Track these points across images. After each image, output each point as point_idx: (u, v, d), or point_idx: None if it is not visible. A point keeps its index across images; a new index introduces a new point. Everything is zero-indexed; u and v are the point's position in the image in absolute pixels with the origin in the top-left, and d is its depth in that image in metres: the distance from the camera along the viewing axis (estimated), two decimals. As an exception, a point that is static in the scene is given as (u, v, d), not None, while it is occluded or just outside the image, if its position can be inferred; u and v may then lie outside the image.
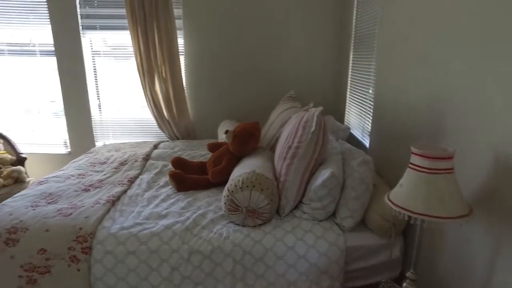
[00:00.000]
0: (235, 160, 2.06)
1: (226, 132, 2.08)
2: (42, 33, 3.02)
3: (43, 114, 3.27)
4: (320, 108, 1.67)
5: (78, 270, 1.46)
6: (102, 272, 1.47)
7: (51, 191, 1.88)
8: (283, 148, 1.75)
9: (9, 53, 3.12)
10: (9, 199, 1.81)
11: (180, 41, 2.89)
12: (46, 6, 2.88)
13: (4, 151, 2.84)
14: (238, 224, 1.62)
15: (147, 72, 2.84)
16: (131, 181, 2.08)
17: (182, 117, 3.01)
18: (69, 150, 3.23)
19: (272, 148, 2.23)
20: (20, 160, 2.82)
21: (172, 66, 2.84)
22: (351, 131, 2.56)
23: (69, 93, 3.07)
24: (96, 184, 2.00)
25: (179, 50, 2.87)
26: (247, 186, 1.58)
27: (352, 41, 2.57)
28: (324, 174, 1.56)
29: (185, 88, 3.00)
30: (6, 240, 1.52)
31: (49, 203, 1.76)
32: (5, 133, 3.05)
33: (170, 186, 2.04)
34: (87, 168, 2.26)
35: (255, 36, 2.92)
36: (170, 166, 2.30)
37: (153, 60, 2.82)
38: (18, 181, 2.66)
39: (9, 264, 1.49)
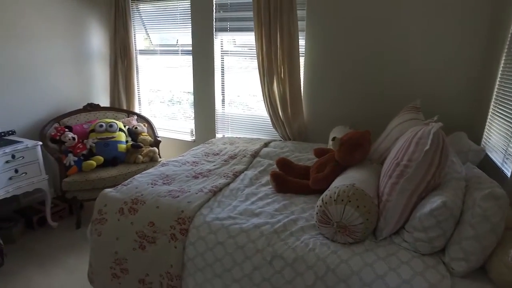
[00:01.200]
0: (339, 169, 1.94)
1: (333, 139, 1.98)
2: (185, 35, 3.48)
3: (182, 104, 3.78)
4: (439, 124, 1.42)
5: (175, 247, 1.63)
6: (194, 254, 1.60)
7: (168, 174, 2.16)
8: (391, 164, 1.57)
9: (160, 53, 3.71)
10: (138, 175, 2.15)
11: (301, 42, 2.89)
12: (190, 12, 3.30)
13: (146, 134, 3.40)
14: (327, 238, 1.53)
15: (267, 71, 2.94)
16: (236, 175, 2.19)
17: (296, 118, 3.02)
18: (194, 138, 3.65)
19: (383, 162, 2.02)
20: (156, 143, 3.33)
21: (291, 67, 2.88)
22: (489, 153, 2.10)
23: (199, 88, 3.45)
24: (204, 173, 2.19)
25: (300, 52, 2.88)
26: (342, 200, 1.48)
27: (507, 43, 2.09)
28: (434, 202, 1.32)
29: (302, 90, 3.00)
30: (130, 208, 1.81)
31: (164, 183, 2.02)
32: (151, 118, 3.67)
33: (270, 186, 2.07)
34: (201, 157, 2.50)
35: (380, 39, 2.68)
36: (275, 166, 2.34)
37: (274, 61, 2.90)
38: (152, 160, 3.15)
39: (129, 228, 1.77)
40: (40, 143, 2.78)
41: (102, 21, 3.68)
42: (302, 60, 2.96)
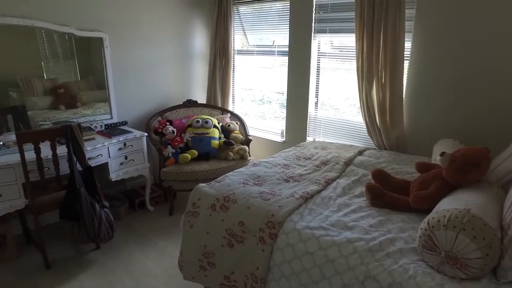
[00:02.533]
0: (447, 188, 1.72)
1: (442, 154, 1.76)
2: (282, 36, 3.49)
3: (272, 104, 3.81)
4: None
5: (263, 251, 1.62)
6: (281, 260, 1.57)
7: (259, 174, 2.17)
8: (522, 191, 1.31)
9: (257, 53, 3.79)
10: (230, 173, 2.21)
11: (407, 45, 2.63)
12: (288, 13, 3.29)
13: (238, 132, 3.51)
14: (431, 267, 1.35)
15: (366, 76, 2.77)
16: (328, 183, 2.10)
17: (394, 127, 2.79)
18: (284, 139, 3.64)
19: (505, 186, 1.72)
20: (247, 141, 3.41)
21: (393, 71, 2.65)
22: None
23: (292, 89, 3.42)
24: (296, 177, 2.14)
25: (404, 55, 2.63)
26: (454, 227, 1.28)
27: None
28: None
29: (403, 97, 2.75)
30: (222, 205, 1.86)
31: (255, 184, 2.03)
32: (243, 116, 3.77)
33: (365, 198, 1.94)
34: (292, 161, 2.46)
35: (500, 41, 2.28)
36: (369, 176, 2.18)
37: (374, 64, 2.71)
38: (242, 158, 3.23)
39: (220, 224, 1.82)
40: (146, 134, 3.08)
41: (205, 22, 3.92)
42: (406, 64, 2.71)
